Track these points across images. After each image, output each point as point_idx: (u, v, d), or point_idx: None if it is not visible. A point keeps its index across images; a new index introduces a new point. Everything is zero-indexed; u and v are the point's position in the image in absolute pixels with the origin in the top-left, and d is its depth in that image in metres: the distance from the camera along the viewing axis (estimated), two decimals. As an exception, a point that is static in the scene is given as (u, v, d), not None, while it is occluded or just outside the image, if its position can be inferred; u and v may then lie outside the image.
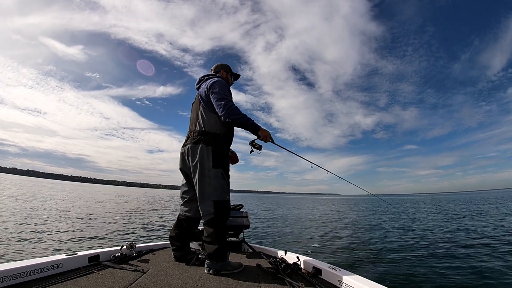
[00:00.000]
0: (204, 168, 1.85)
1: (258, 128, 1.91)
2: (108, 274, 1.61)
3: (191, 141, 1.92)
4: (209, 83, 1.96)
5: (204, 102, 1.94)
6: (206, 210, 1.85)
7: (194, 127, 1.97)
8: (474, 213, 16.27)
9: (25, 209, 11.25)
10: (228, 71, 2.28)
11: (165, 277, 1.64)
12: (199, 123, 1.93)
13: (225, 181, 1.91)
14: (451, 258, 5.39)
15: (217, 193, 1.86)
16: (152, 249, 2.37)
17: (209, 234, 1.84)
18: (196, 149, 1.87)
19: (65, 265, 1.64)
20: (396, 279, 4.27)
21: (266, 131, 1.94)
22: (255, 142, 2.01)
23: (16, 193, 21.52)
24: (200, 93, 2.00)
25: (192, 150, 1.89)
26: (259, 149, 2.03)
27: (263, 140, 1.97)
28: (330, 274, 1.71)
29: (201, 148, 1.86)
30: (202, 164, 1.85)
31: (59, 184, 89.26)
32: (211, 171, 1.85)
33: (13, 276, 1.35)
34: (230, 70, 2.30)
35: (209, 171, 1.85)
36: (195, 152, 1.87)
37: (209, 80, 2.00)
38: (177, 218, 2.15)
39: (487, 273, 4.37)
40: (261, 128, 1.92)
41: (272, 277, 1.75)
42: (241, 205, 3.01)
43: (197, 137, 1.90)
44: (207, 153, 1.85)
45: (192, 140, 1.91)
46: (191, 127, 2.01)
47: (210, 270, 1.79)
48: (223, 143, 1.95)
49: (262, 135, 1.93)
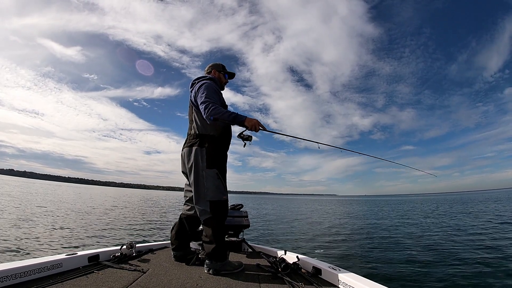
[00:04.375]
0: (198, 169, 1.88)
1: (242, 118, 1.84)
2: (108, 274, 1.61)
3: (187, 145, 1.98)
4: (196, 88, 1.98)
5: (195, 106, 1.98)
6: (202, 210, 1.87)
7: (190, 130, 2.03)
8: (474, 212, 16.35)
9: (24, 209, 11.16)
10: (220, 70, 2.26)
11: (165, 277, 1.65)
12: (194, 126, 1.99)
13: (220, 181, 1.91)
14: (451, 258, 5.42)
15: (212, 193, 1.87)
16: (152, 248, 2.37)
17: (207, 234, 1.85)
18: (190, 152, 1.92)
19: (65, 265, 1.63)
20: (395, 278, 4.29)
21: (252, 120, 1.85)
22: (243, 134, 1.91)
23: (14, 194, 21.33)
24: (192, 96, 2.02)
25: (187, 153, 1.95)
26: (249, 140, 1.92)
27: (252, 130, 1.87)
28: (330, 274, 1.71)
29: (196, 150, 1.90)
30: (197, 165, 1.88)
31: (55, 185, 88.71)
32: (205, 171, 1.87)
33: (13, 276, 1.35)
34: (222, 69, 2.27)
35: (203, 171, 1.87)
36: (190, 155, 1.92)
37: (197, 85, 2.01)
38: (179, 217, 2.16)
39: (487, 273, 4.39)
40: (247, 118, 1.85)
41: (272, 277, 1.75)
42: (241, 205, 3.01)
43: (192, 140, 1.95)
44: (201, 155, 1.89)
45: (188, 144, 1.97)
46: (188, 131, 2.07)
47: (210, 270, 1.79)
48: (218, 144, 1.96)
49: (249, 124, 1.84)
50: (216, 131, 1.96)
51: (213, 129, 1.95)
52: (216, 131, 1.96)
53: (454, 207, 23.91)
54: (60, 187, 63.37)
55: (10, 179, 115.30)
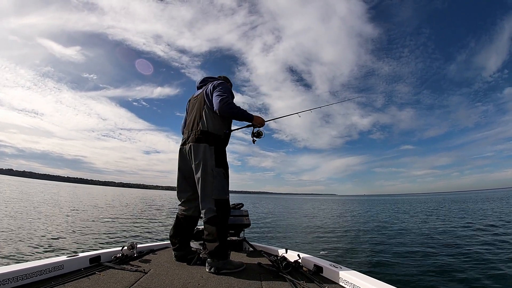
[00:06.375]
0: (207, 166, 1.88)
1: (251, 116, 2.04)
2: (109, 275, 1.61)
3: (193, 140, 1.94)
4: (215, 83, 2.06)
5: (210, 102, 1.99)
6: (208, 208, 1.86)
7: (197, 126, 1.98)
8: (473, 213, 16.42)
9: (23, 211, 11.11)
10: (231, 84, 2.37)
11: (167, 277, 1.64)
12: (203, 122, 1.97)
13: (226, 181, 1.96)
14: (451, 257, 5.43)
15: (219, 191, 1.89)
16: (153, 249, 2.36)
17: (210, 232, 1.85)
18: (199, 148, 1.90)
19: (67, 267, 1.63)
20: (396, 276, 4.30)
21: (259, 117, 2.11)
22: (254, 132, 2.17)
23: (13, 194, 21.27)
24: (206, 93, 2.04)
25: (195, 149, 1.91)
26: (260, 136, 2.19)
27: (260, 126, 2.15)
28: (331, 272, 1.72)
29: (205, 147, 1.90)
30: (205, 163, 1.88)
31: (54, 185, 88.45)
32: (214, 170, 1.89)
33: (14, 278, 1.34)
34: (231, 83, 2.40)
35: (212, 170, 1.88)
36: (198, 151, 1.90)
37: (213, 82, 2.09)
38: (176, 217, 2.16)
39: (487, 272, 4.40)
40: (254, 116, 2.07)
41: (273, 276, 1.76)
42: (241, 204, 3.01)
43: (199, 136, 1.93)
44: (210, 153, 1.90)
45: (194, 139, 1.93)
46: (193, 126, 2.01)
47: (212, 269, 1.79)
48: (223, 144, 2.03)
49: (257, 121, 2.10)
50: (223, 132, 2.02)
51: (221, 130, 2.00)
52: (223, 132, 2.02)
53: (454, 206, 24.01)
54: (59, 187, 63.20)
55: (9, 178, 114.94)
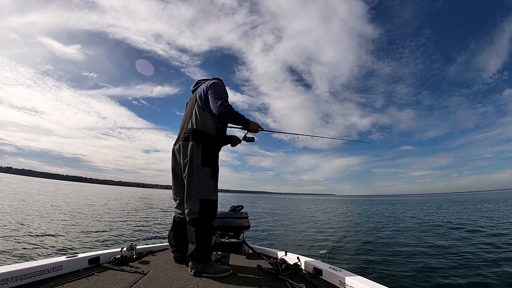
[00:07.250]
0: (193, 165, 1.85)
1: (249, 122, 2.10)
2: (108, 276, 1.61)
3: (182, 139, 1.93)
4: (208, 83, 2.03)
5: (201, 101, 1.97)
6: (191, 209, 1.83)
7: (186, 125, 1.98)
8: (473, 212, 16.44)
9: (23, 210, 11.07)
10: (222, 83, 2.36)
11: (166, 278, 1.64)
12: (192, 121, 1.95)
13: (213, 181, 1.91)
14: (452, 259, 5.43)
15: (204, 191, 1.85)
16: (153, 250, 2.36)
17: (190, 233, 1.82)
18: (186, 146, 1.88)
19: (66, 267, 1.62)
20: (396, 279, 4.30)
21: (255, 123, 2.15)
22: (247, 136, 2.25)
23: (12, 193, 21.25)
24: (198, 93, 2.03)
25: (183, 148, 1.90)
26: (252, 141, 2.28)
27: (254, 132, 2.19)
28: (331, 275, 1.71)
29: (192, 145, 1.87)
30: (192, 161, 1.85)
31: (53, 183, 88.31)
32: (200, 169, 1.85)
33: (13, 278, 1.34)
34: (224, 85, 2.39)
35: (197, 169, 1.85)
36: (186, 150, 1.88)
37: (208, 81, 2.07)
38: (173, 220, 2.15)
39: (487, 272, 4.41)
40: (251, 121, 2.12)
41: (272, 278, 1.75)
42: (241, 206, 3.01)
43: (188, 134, 1.91)
44: (197, 151, 1.86)
45: (183, 138, 1.93)
46: (184, 126, 2.02)
47: (192, 271, 1.77)
48: (213, 143, 1.97)
49: (253, 128, 2.15)
50: (214, 130, 1.98)
51: (212, 128, 1.96)
52: (214, 130, 1.98)
53: (453, 207, 24.02)
54: (58, 185, 63.10)
55: (8, 177, 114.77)
